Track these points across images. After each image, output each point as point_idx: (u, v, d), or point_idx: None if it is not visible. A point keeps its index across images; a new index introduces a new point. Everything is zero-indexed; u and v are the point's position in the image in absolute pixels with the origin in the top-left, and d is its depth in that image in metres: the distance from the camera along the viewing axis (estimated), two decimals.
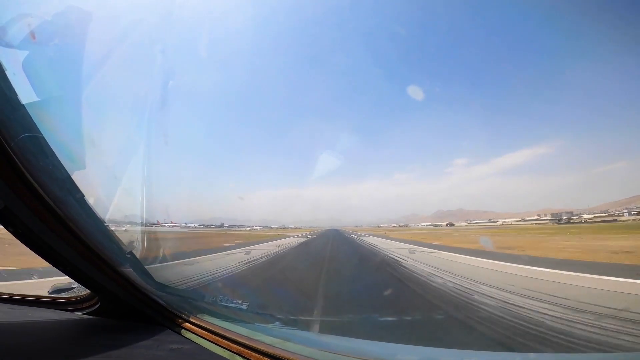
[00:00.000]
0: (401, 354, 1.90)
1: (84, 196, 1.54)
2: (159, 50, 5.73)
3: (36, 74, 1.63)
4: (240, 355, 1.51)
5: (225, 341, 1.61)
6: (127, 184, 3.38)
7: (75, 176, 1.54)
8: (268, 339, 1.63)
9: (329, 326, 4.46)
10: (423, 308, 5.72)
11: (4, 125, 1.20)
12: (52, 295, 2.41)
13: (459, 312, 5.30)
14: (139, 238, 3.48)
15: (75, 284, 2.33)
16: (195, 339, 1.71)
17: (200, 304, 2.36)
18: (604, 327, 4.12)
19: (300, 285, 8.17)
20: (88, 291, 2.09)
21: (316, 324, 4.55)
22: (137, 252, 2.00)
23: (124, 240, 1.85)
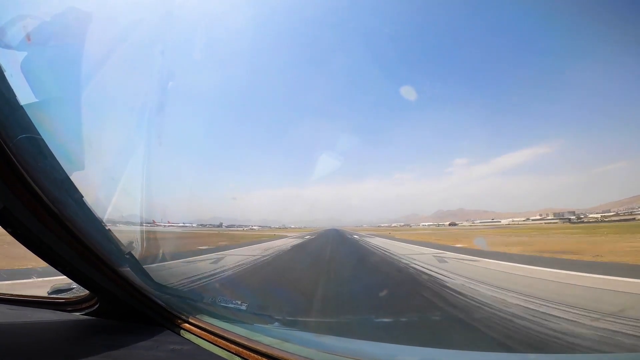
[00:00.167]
0: (400, 354, 1.90)
1: (82, 197, 1.54)
2: (158, 50, 5.74)
3: (35, 75, 1.63)
4: (239, 355, 1.51)
5: (224, 342, 1.61)
6: (126, 185, 3.38)
7: (74, 177, 1.54)
8: (267, 339, 1.64)
9: (328, 327, 4.43)
10: None
11: (3, 126, 1.20)
12: (52, 296, 2.41)
13: None
14: (138, 238, 3.48)
15: (74, 285, 2.33)
16: (195, 339, 1.71)
17: (199, 304, 2.37)
18: None
19: None
20: (87, 292, 2.08)
21: (315, 324, 4.52)
22: (136, 253, 2.00)
23: (123, 240, 1.84)
